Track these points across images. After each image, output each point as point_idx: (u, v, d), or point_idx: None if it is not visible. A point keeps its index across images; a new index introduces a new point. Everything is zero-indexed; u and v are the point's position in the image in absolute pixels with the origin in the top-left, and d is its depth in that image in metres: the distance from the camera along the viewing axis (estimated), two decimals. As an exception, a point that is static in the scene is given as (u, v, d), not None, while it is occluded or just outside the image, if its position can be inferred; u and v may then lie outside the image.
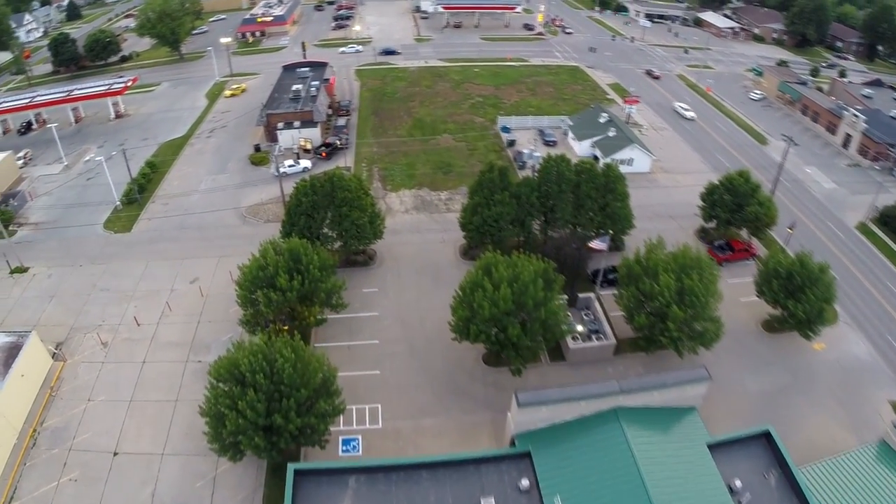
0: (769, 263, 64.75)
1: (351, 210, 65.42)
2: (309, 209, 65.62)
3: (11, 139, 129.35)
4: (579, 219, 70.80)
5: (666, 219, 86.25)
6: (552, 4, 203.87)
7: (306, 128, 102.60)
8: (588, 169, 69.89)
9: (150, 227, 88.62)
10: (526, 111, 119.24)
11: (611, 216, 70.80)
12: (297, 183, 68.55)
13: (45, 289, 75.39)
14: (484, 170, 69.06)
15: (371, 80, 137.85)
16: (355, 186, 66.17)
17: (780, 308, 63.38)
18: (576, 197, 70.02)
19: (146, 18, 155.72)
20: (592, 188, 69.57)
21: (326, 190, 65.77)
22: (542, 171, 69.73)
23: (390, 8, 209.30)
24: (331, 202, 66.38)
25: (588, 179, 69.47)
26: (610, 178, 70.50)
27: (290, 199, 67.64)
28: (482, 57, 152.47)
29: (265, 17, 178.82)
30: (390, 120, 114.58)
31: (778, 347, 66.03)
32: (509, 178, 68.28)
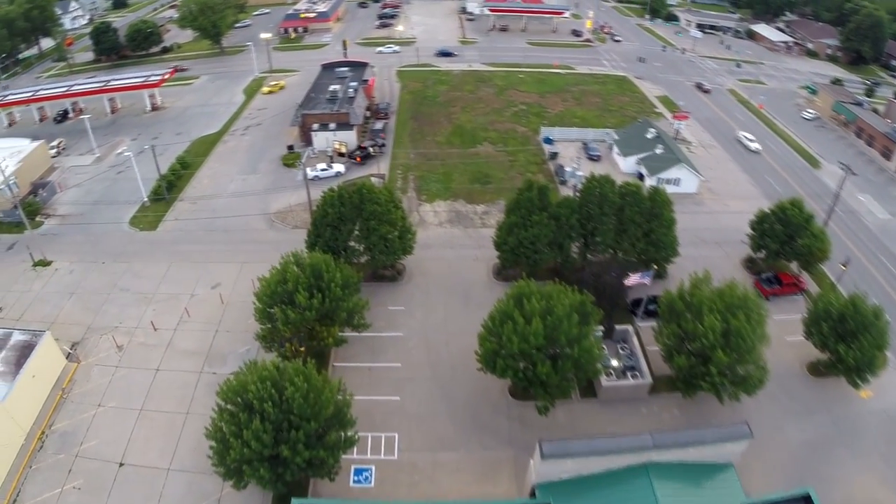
0: (819, 304, 60.59)
1: (380, 224, 63.33)
2: (335, 221, 63.70)
3: (47, 127, 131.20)
4: (621, 244, 67.50)
5: (711, 245, 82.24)
6: (601, 11, 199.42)
7: (342, 130, 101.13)
8: (633, 192, 66.56)
9: (176, 226, 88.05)
10: (570, 122, 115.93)
11: (654, 243, 67.39)
12: (324, 192, 66.69)
13: (66, 285, 75.52)
14: (522, 188, 66.25)
15: (412, 82, 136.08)
16: (385, 199, 63.99)
17: (829, 352, 59.23)
18: (618, 221, 66.82)
19: (188, 10, 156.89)
20: (637, 212, 66.26)
21: (354, 202, 63.78)
22: (584, 191, 66.67)
23: (437, 8, 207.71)
24: (359, 214, 64.44)
25: (633, 203, 66.18)
26: (656, 203, 67.10)
27: (316, 210, 65.87)
28: (527, 62, 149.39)
29: (308, 13, 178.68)
30: (429, 125, 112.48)
31: (822, 393, 61.82)
32: (549, 198, 65.28)
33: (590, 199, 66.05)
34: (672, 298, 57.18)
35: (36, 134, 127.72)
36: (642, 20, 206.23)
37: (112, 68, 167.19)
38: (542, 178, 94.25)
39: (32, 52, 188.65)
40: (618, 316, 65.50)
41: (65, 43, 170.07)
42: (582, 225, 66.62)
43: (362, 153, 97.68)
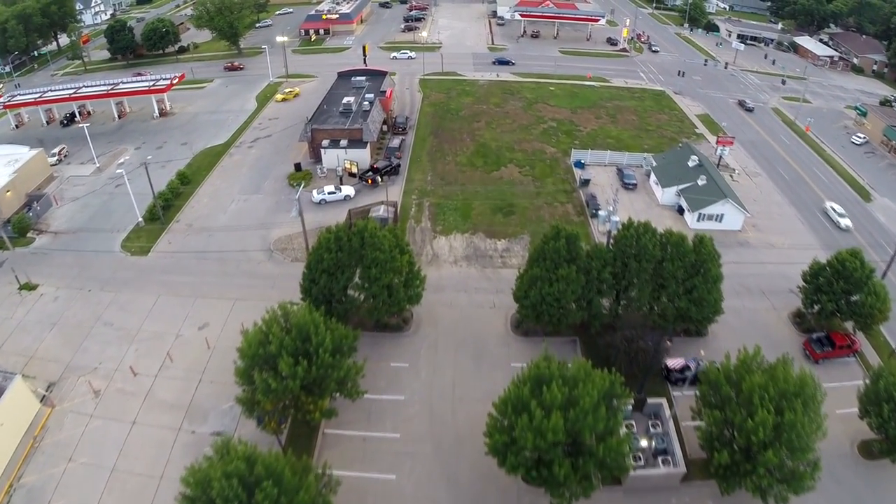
0: (880, 381, 51.44)
1: (382, 273, 55.53)
2: (332, 267, 56.12)
3: (54, 130, 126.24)
4: (658, 300, 58.92)
5: (756, 295, 73.15)
6: (638, 19, 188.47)
7: (354, 148, 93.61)
8: (677, 243, 57.89)
9: (169, 251, 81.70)
10: (604, 142, 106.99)
11: (697, 301, 58.64)
12: (319, 234, 59.15)
13: (49, 314, 70.75)
14: (548, 235, 57.90)
15: (435, 92, 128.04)
16: (389, 245, 56.14)
17: (887, 437, 50.24)
18: (657, 275, 58.20)
19: (204, 10, 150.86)
20: (680, 268, 57.63)
21: (354, 246, 56.12)
22: (620, 240, 58.19)
23: (465, 11, 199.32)
24: (359, 261, 56.75)
25: (675, 257, 57.50)
26: (701, 256, 58.36)
27: (311, 253, 58.35)
28: (559, 73, 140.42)
29: (331, 14, 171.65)
30: (451, 143, 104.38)
31: (875, 480, 53.08)
32: (578, 248, 56.93)
33: (626, 249, 57.59)
34: (717, 378, 48.56)
35: (42, 136, 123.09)
36: (681, 29, 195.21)
37: (127, 68, 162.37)
38: (572, 209, 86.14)
39: (51, 48, 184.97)
40: (650, 381, 57.15)
41: (80, 40, 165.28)
42: (615, 278, 58.19)
43: (375, 175, 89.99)
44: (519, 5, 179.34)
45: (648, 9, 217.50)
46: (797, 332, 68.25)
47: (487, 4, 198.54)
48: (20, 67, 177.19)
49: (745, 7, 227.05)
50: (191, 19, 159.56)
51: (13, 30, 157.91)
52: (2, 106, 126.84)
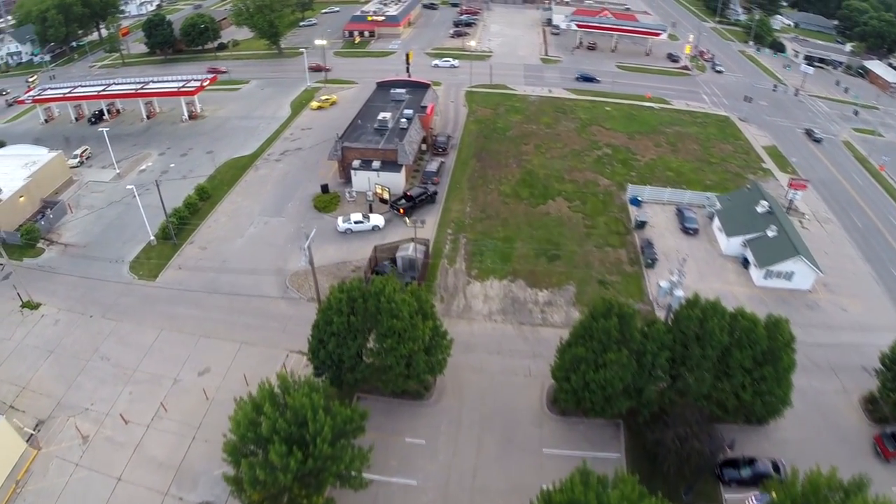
0: None
1: (400, 343, 47.79)
2: (342, 330, 48.60)
3: (81, 128, 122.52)
4: (719, 390, 49.80)
5: (825, 371, 63.22)
6: (702, 35, 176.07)
7: (387, 171, 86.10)
8: (748, 328, 48.69)
9: (178, 279, 75.60)
10: (663, 175, 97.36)
11: (763, 393, 49.49)
12: (330, 290, 51.65)
13: (48, 339, 66.80)
14: (598, 310, 49.26)
15: (482, 107, 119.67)
16: (410, 311, 48.29)
17: None
18: (721, 362, 49.22)
19: (243, 7, 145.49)
20: (748, 356, 48.53)
21: (370, 311, 48.47)
22: (682, 320, 49.26)
23: (518, 17, 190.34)
24: (374, 325, 49.11)
25: (745, 344, 48.38)
26: (775, 343, 49.10)
27: (320, 312, 50.89)
28: (616, 92, 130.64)
29: (377, 15, 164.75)
30: (495, 168, 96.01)
31: None
32: (632, 328, 48.20)
33: (687, 331, 48.66)
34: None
35: (70, 134, 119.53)
36: (745, 47, 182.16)
37: (165, 63, 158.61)
38: (625, 256, 77.08)
39: (93, 39, 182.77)
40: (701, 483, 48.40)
41: (119, 33, 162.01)
42: (671, 363, 49.35)
43: (408, 203, 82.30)
44: (575, 14, 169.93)
45: (711, 22, 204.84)
46: (868, 421, 58.26)
47: (542, 11, 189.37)
48: (60, 57, 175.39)
49: (811, 25, 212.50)
50: (231, 16, 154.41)
51: (53, 19, 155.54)
52: (31, 100, 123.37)
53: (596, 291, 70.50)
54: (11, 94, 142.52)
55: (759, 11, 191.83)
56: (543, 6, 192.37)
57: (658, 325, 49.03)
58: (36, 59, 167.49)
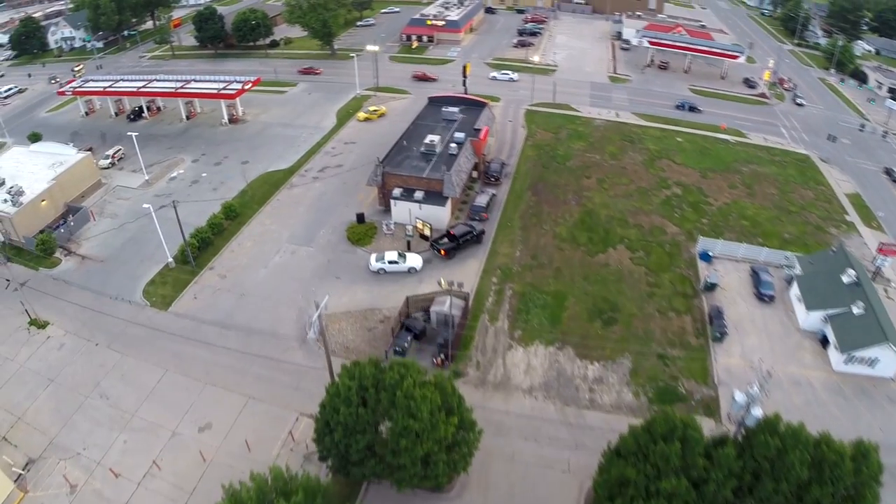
0: None
1: (416, 444, 39.51)
2: (350, 421, 40.61)
3: (119, 124, 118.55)
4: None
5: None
6: (783, 62, 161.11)
7: (431, 203, 77.73)
8: (834, 462, 38.79)
9: (192, 309, 69.19)
10: (737, 224, 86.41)
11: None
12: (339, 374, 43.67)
13: (50, 365, 63.07)
14: (656, 428, 39.79)
15: (543, 130, 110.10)
16: (431, 409, 39.86)
17: None
18: (794, 496, 39.45)
19: (296, 5, 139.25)
20: (828, 494, 38.67)
21: (383, 405, 40.27)
22: (757, 446, 39.60)
23: (587, 29, 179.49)
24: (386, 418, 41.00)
25: (828, 480, 38.58)
26: (861, 479, 39.10)
27: (327, 396, 42.96)
28: (688, 120, 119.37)
29: (436, 20, 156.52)
30: (552, 204, 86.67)
31: None
32: (695, 454, 38.82)
33: (761, 460, 39.10)
34: None
35: (107, 130, 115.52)
36: (826, 74, 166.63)
37: (214, 58, 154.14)
38: (690, 324, 67.10)
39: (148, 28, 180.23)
40: None
41: (171, 24, 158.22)
42: (737, 494, 39.88)
43: (450, 244, 73.87)
44: (648, 29, 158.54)
45: (788, 44, 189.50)
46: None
47: (612, 23, 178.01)
48: (112, 45, 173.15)
49: (894, 53, 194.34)
50: (284, 13, 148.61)
51: (105, 6, 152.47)
52: (71, 92, 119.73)
53: (654, 368, 61.00)
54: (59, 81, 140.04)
55: (841, 36, 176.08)
56: (613, 18, 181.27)
57: (728, 451, 39.44)
58: (88, 46, 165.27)
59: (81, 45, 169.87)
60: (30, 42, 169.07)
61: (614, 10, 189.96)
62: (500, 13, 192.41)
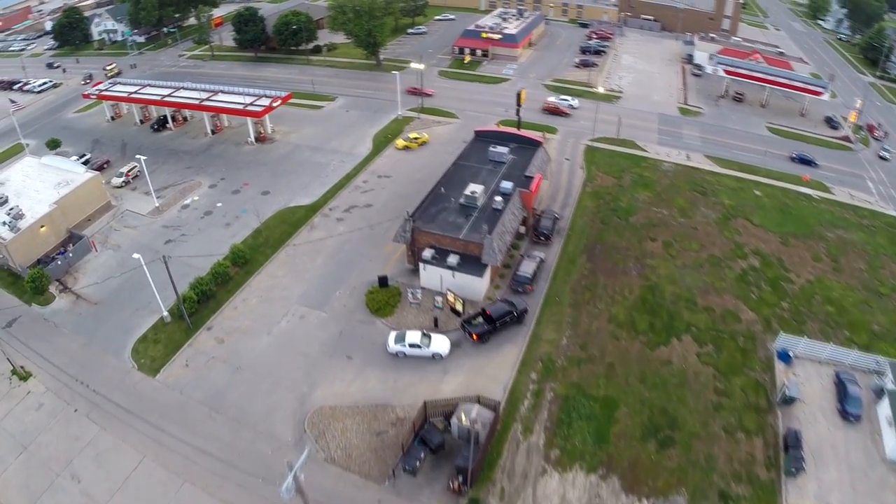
0: None
1: None
2: None
3: (143, 133, 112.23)
4: None
5: None
6: (871, 102, 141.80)
7: (467, 271, 66.41)
8: None
9: (181, 380, 60.65)
10: (820, 309, 72.93)
11: None
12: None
13: (26, 428, 57.43)
14: None
15: (603, 173, 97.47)
16: None
17: None
18: None
19: (339, 10, 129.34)
20: None
21: None
22: None
23: (655, 49, 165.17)
24: None
25: None
26: None
27: None
28: (766, 167, 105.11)
29: (493, 32, 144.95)
30: (609, 274, 74.50)
31: None
32: None
33: None
34: None
35: (129, 140, 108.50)
36: None
37: (254, 62, 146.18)
38: (760, 449, 55.02)
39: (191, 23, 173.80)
40: None
41: (212, 23, 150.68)
42: None
43: (485, 327, 62.78)
44: (722, 54, 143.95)
45: (869, 76, 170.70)
46: None
47: (683, 44, 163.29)
48: (154, 40, 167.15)
49: None
50: (327, 18, 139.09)
51: (146, 1, 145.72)
52: (95, 96, 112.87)
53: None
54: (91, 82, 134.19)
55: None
56: (684, 38, 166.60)
57: None
58: (128, 42, 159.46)
59: (123, 39, 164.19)
60: (72, 33, 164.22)
61: (685, 30, 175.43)
62: (562, 26, 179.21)
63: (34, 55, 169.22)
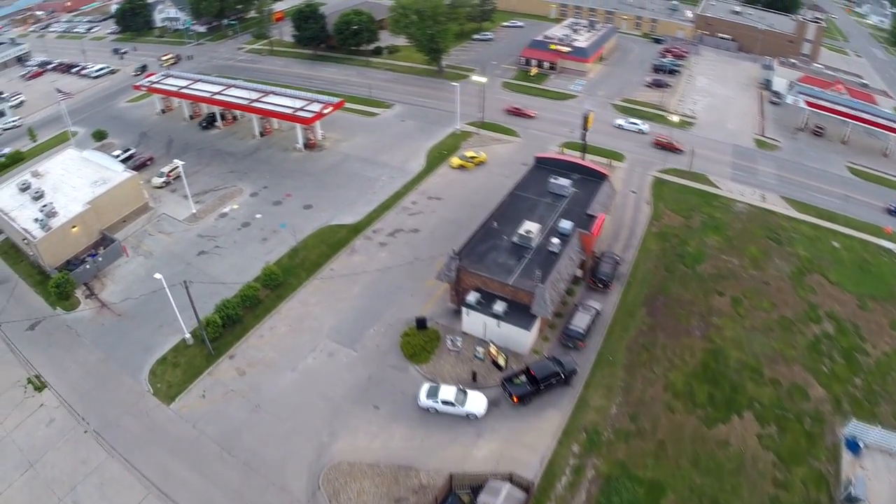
0: None
1: None
2: None
3: (191, 130, 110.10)
4: None
5: None
6: None
7: (513, 322, 60.46)
8: None
9: (196, 412, 57.35)
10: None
11: None
12: None
13: (35, 443, 55.47)
14: None
15: (671, 211, 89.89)
16: None
17: None
18: None
19: (402, 14, 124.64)
20: None
21: None
22: None
23: (731, 71, 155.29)
24: None
25: None
26: None
27: None
28: (847, 214, 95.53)
29: (562, 45, 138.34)
30: (670, 332, 67.47)
31: None
32: None
33: None
34: None
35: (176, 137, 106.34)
36: None
37: (312, 60, 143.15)
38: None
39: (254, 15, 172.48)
40: None
41: (272, 18, 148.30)
42: None
43: (528, 389, 56.99)
44: (803, 82, 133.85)
45: None
46: None
47: (761, 68, 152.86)
48: (215, 30, 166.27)
49: None
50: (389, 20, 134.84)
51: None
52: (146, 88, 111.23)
53: None
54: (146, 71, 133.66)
55: None
56: (763, 62, 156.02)
57: None
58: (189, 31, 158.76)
59: (184, 28, 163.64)
60: (134, 19, 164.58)
61: (763, 52, 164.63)
62: (634, 41, 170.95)
63: (96, 38, 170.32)
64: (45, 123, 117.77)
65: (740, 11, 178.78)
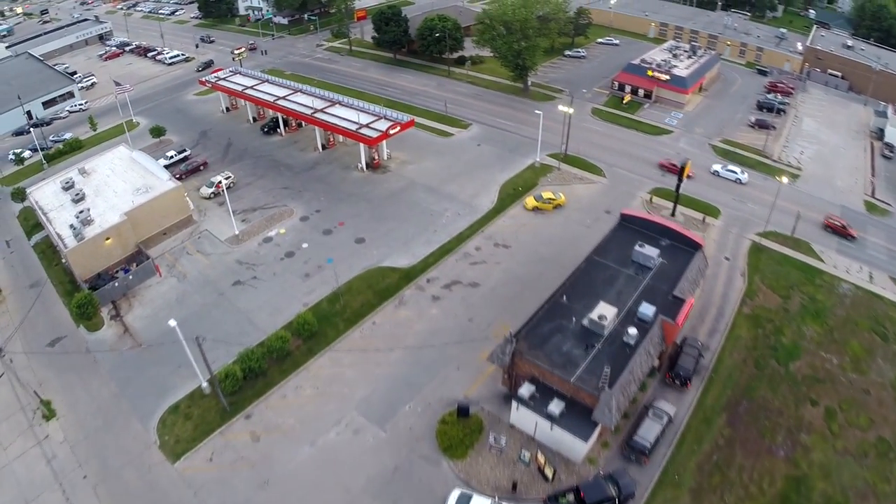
0: None
1: None
2: None
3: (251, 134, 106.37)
4: None
5: None
6: None
7: (568, 427, 51.60)
8: None
9: (200, 477, 51.83)
10: None
11: None
12: None
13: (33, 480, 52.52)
14: None
15: (768, 287, 78.05)
16: None
17: None
18: None
19: (488, 26, 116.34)
20: None
21: None
22: None
23: (840, 114, 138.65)
24: None
25: None
26: None
27: None
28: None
29: (659, 71, 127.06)
30: (750, 450, 56.89)
31: None
32: None
33: None
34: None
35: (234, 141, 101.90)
36: None
37: (391, 64, 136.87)
38: None
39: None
40: None
41: (355, 15, 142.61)
42: None
43: None
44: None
45: None
46: None
47: (875, 114, 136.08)
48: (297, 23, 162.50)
49: None
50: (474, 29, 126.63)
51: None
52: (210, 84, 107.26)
53: None
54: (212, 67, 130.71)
55: None
56: (876, 106, 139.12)
57: None
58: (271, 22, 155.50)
59: (267, 19, 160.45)
60: (218, 6, 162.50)
61: (876, 95, 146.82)
62: (737, 70, 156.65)
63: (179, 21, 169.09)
64: (111, 110, 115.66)
65: (853, 46, 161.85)
